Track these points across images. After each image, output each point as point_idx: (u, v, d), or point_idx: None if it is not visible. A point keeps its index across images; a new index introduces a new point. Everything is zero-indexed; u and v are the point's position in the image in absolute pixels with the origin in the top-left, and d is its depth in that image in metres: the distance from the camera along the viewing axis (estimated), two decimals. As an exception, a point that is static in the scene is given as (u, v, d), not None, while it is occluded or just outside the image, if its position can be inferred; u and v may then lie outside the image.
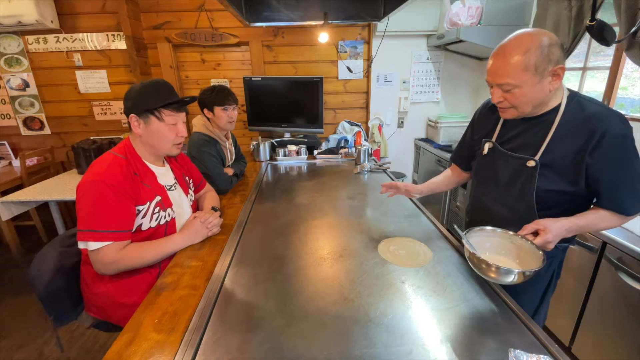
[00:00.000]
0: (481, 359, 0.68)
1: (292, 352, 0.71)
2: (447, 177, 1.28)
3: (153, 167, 1.17)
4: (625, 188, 0.84)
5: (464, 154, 1.21)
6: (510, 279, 0.78)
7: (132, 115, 1.07)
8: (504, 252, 0.91)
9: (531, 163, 0.91)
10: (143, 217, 1.08)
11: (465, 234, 0.88)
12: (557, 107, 0.89)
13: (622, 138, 0.81)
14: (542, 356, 0.66)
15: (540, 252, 0.80)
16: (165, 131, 1.10)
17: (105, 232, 0.97)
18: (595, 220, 0.88)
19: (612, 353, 1.36)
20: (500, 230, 0.91)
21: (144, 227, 1.08)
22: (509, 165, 0.98)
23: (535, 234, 0.86)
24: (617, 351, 1.34)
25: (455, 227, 0.93)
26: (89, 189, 0.98)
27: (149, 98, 1.07)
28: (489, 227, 0.93)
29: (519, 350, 0.67)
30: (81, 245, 1.01)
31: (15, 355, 1.72)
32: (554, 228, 0.83)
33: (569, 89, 0.92)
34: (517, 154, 0.95)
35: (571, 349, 1.55)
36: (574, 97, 0.89)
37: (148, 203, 1.08)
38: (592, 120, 0.83)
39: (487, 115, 1.09)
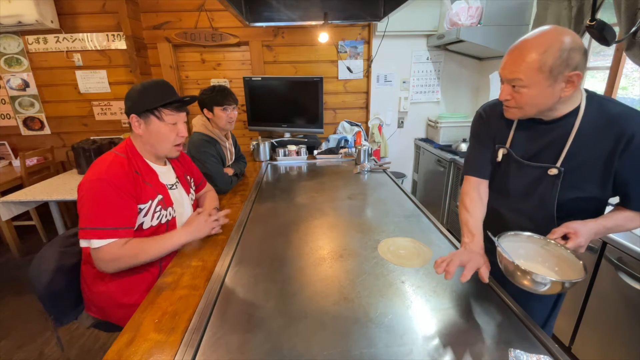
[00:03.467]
0: (481, 359, 0.68)
1: (292, 352, 0.71)
2: (482, 202, 1.02)
3: (154, 166, 1.17)
4: None
5: (484, 162, 1.04)
6: (546, 288, 0.71)
7: (132, 115, 1.08)
8: (540, 259, 0.84)
9: (553, 171, 0.86)
10: (145, 215, 1.08)
11: (498, 239, 0.81)
12: (576, 110, 0.84)
13: None
14: (542, 356, 0.66)
15: (580, 262, 0.75)
16: (166, 131, 1.10)
17: (108, 230, 0.97)
18: (622, 222, 0.85)
19: (612, 353, 1.36)
20: (537, 236, 0.84)
21: (145, 226, 1.09)
22: (525, 174, 0.93)
23: (565, 237, 0.82)
24: (617, 351, 1.34)
25: (489, 233, 0.84)
26: (90, 187, 0.98)
27: (149, 98, 1.07)
28: (525, 233, 0.86)
29: (519, 350, 0.67)
30: (83, 243, 0.99)
31: (15, 355, 1.72)
32: (584, 231, 0.80)
33: (586, 90, 0.87)
34: (536, 163, 0.90)
35: (571, 349, 1.55)
36: (593, 98, 0.85)
37: (150, 201, 1.09)
38: (617, 121, 0.80)
39: (493, 119, 1.02)
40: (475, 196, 1.01)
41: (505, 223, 1.01)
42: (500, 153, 0.98)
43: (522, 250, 0.85)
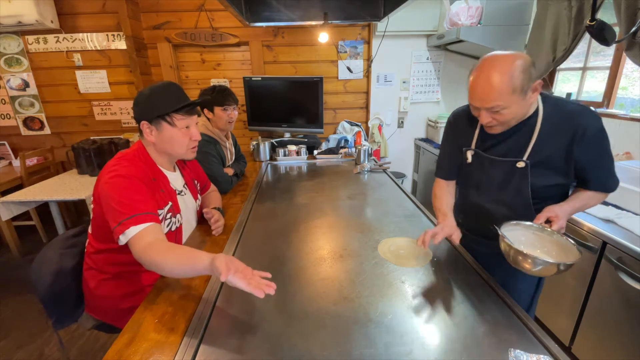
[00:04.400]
0: (481, 359, 0.68)
1: (292, 352, 0.71)
2: (449, 193, 1.21)
3: (165, 172, 1.14)
4: (606, 171, 0.97)
5: (452, 167, 1.20)
6: (543, 269, 0.80)
7: (143, 122, 1.04)
8: (538, 244, 0.92)
9: (521, 164, 0.98)
10: (161, 222, 1.04)
11: (500, 228, 0.91)
12: (536, 112, 0.95)
13: (601, 131, 0.91)
14: (542, 356, 0.66)
15: (575, 247, 0.83)
16: (179, 136, 1.07)
17: (143, 215, 0.90)
18: (586, 201, 0.99)
19: (612, 353, 1.36)
20: (535, 224, 0.93)
21: None
22: (497, 169, 1.04)
23: (547, 221, 0.93)
24: (617, 351, 1.34)
25: (495, 227, 0.92)
26: (116, 183, 0.93)
27: (159, 103, 1.03)
28: (524, 222, 0.94)
29: (519, 350, 0.67)
30: (122, 240, 0.89)
31: (15, 355, 1.72)
32: (562, 214, 0.92)
33: (540, 93, 0.96)
34: (505, 158, 1.01)
35: (571, 349, 1.55)
36: (547, 99, 0.97)
37: (164, 208, 1.06)
38: (573, 117, 0.92)
39: (460, 125, 1.13)
40: (444, 188, 1.20)
41: (489, 213, 1.10)
42: (469, 154, 1.09)
43: (522, 238, 0.93)
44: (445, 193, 1.19)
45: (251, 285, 0.74)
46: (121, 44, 2.77)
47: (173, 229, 1.11)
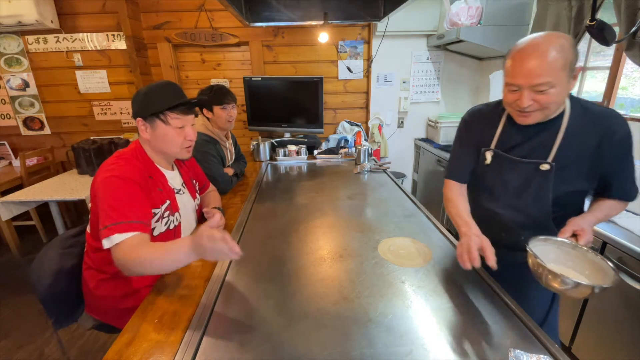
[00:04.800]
0: (481, 359, 0.68)
1: (292, 352, 0.71)
2: (464, 197, 1.12)
3: (163, 170, 1.15)
4: (629, 178, 0.93)
5: (465, 168, 1.11)
6: (576, 291, 0.73)
7: (138, 119, 1.05)
8: (570, 263, 0.85)
9: (545, 167, 0.91)
10: (157, 221, 1.05)
11: (529, 244, 0.84)
12: (562, 112, 0.91)
13: (629, 136, 0.88)
14: (542, 356, 0.66)
15: (610, 267, 0.76)
16: (172, 135, 1.07)
17: (130, 223, 0.89)
18: (608, 211, 0.94)
19: (612, 353, 1.36)
20: (566, 240, 0.86)
21: (155, 232, 1.06)
22: (518, 172, 0.97)
23: (572, 235, 0.88)
24: (617, 351, 1.34)
25: (528, 247, 0.83)
26: (110, 183, 0.93)
27: (154, 101, 1.03)
28: (554, 238, 0.88)
29: (519, 350, 0.67)
30: (106, 244, 0.89)
31: (15, 355, 1.72)
32: (588, 226, 0.87)
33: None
34: (526, 160, 0.94)
35: (571, 349, 1.55)
36: (574, 99, 0.92)
37: (161, 207, 1.06)
38: (601, 120, 0.88)
39: (477, 123, 1.07)
40: (458, 192, 1.10)
41: (501, 220, 1.03)
42: (489, 155, 1.02)
43: (551, 255, 0.86)
44: (461, 197, 1.09)
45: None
46: (121, 44, 2.77)
47: (171, 227, 1.11)
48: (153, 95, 1.05)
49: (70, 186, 2.36)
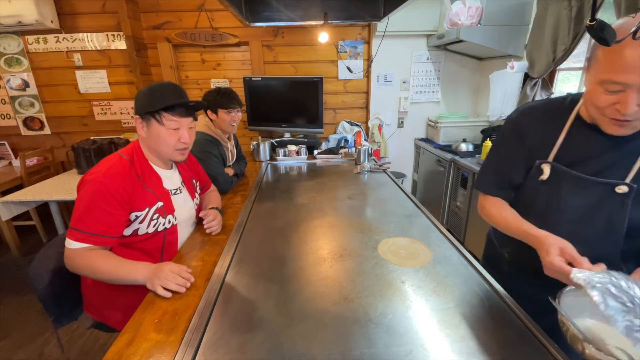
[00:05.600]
0: (481, 359, 0.68)
1: (292, 352, 0.71)
2: (511, 209, 0.91)
3: (159, 170, 1.15)
4: None
5: (505, 182, 0.90)
6: None
7: (136, 117, 1.07)
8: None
9: (622, 188, 0.73)
10: (140, 222, 1.05)
11: (557, 298, 0.66)
12: None
13: None
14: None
15: None
16: (165, 135, 1.07)
17: (89, 235, 0.95)
18: None
19: (612, 353, 1.36)
20: (615, 273, 0.64)
21: (140, 232, 1.06)
22: (585, 193, 0.78)
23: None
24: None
25: (552, 300, 0.66)
26: (87, 189, 0.98)
27: (152, 100, 1.05)
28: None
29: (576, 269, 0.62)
30: (66, 244, 0.96)
31: (15, 355, 1.72)
32: None
33: None
34: (602, 179, 0.75)
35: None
36: None
37: (147, 209, 1.06)
38: None
39: (532, 127, 0.85)
40: (502, 205, 0.91)
41: None
42: (547, 169, 0.81)
43: (587, 308, 0.64)
44: (508, 209, 0.89)
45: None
46: (121, 44, 2.77)
47: (160, 229, 1.10)
48: (152, 94, 1.06)
49: (70, 186, 2.36)
